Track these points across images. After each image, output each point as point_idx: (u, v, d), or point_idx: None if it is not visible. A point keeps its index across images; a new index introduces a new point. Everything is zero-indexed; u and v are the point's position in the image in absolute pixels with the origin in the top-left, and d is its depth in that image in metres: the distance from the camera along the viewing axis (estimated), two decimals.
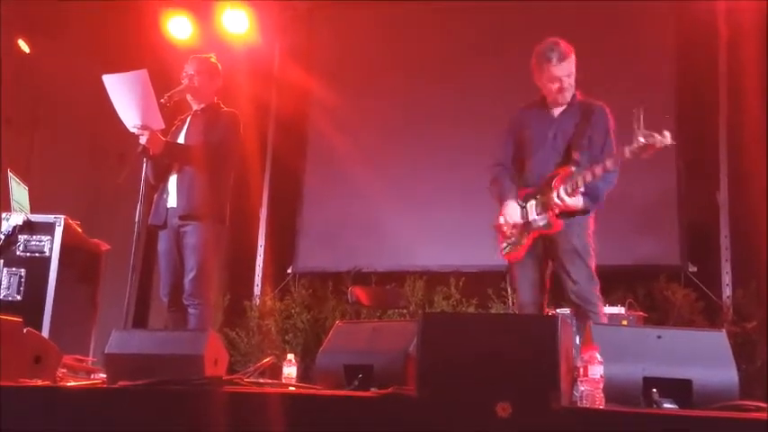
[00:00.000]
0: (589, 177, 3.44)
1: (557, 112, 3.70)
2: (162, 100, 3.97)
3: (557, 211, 3.52)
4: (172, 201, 4.13)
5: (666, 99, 5.66)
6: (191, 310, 4.05)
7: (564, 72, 3.58)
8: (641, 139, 3.27)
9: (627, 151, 3.33)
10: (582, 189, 3.49)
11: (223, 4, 6.52)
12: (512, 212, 3.66)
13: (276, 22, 6.83)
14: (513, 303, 5.52)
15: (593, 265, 3.54)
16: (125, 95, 3.89)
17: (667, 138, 3.26)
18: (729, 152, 5.53)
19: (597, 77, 3.78)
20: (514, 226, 3.65)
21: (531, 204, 3.63)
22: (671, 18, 5.91)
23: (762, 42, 5.10)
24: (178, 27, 6.56)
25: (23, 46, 6.43)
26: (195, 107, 4.34)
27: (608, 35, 5.77)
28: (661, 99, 5.64)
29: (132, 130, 3.94)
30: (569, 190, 3.48)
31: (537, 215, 3.60)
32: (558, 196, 3.49)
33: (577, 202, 3.51)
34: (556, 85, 3.60)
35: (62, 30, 6.33)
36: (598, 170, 3.42)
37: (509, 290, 3.83)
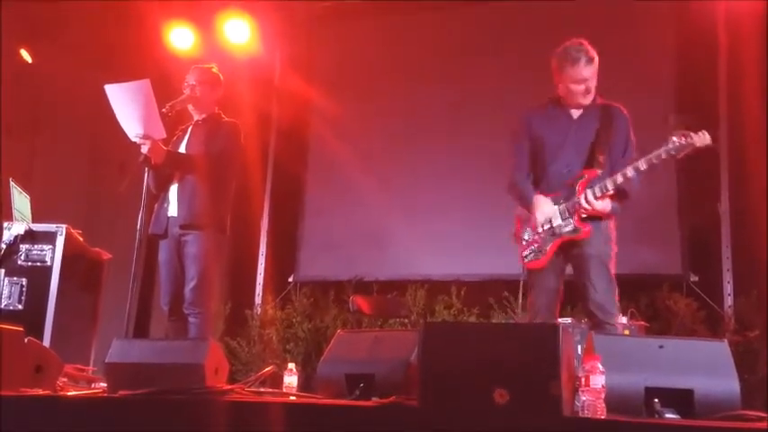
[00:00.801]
0: (620, 179, 3.37)
1: (575, 114, 3.59)
2: (164, 110, 3.98)
3: (584, 215, 3.43)
4: (172, 210, 4.13)
5: (666, 104, 5.66)
6: (191, 319, 4.05)
7: (590, 74, 3.48)
8: (675, 140, 3.25)
9: (663, 152, 3.29)
10: (611, 191, 3.41)
11: (225, 15, 6.54)
12: (546, 208, 3.51)
13: (277, 32, 6.85)
14: (522, 310, 5.50)
15: (613, 271, 3.46)
16: (127, 105, 3.90)
17: (706, 137, 3.25)
18: (730, 161, 5.53)
19: (597, 81, 3.73)
20: (548, 221, 3.51)
21: (556, 210, 3.50)
22: (670, 22, 5.91)
23: (762, 47, 5.10)
24: (180, 37, 6.59)
25: (26, 56, 6.46)
26: (196, 117, 4.35)
27: (607, 38, 5.75)
28: (661, 104, 5.64)
29: (134, 139, 3.95)
30: (598, 193, 3.39)
31: (562, 221, 3.48)
32: (587, 200, 3.39)
33: (605, 205, 3.43)
34: (581, 87, 3.49)
35: (63, 38, 6.35)
36: (630, 172, 3.35)
37: (520, 296, 3.72)
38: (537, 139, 3.62)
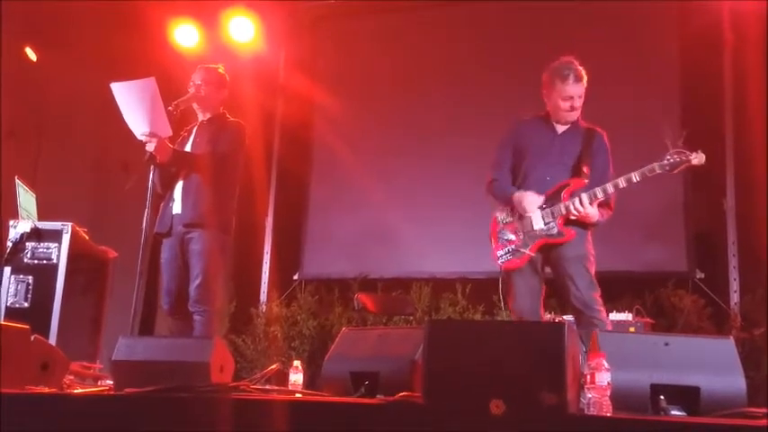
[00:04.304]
0: (611, 189, 3.52)
1: (560, 129, 3.75)
2: (169, 108, 3.99)
3: (572, 218, 3.56)
4: (177, 208, 4.14)
5: (671, 104, 5.65)
6: (196, 317, 4.06)
7: (577, 92, 3.63)
8: (669, 157, 3.41)
9: (656, 167, 3.44)
10: (601, 199, 3.56)
11: (229, 13, 6.54)
12: (532, 199, 3.63)
13: (281, 31, 6.85)
14: (505, 311, 5.51)
15: (593, 271, 3.60)
16: (133, 103, 3.90)
17: (702, 157, 3.40)
18: (736, 158, 5.52)
19: (600, 83, 3.79)
20: (515, 233, 3.67)
21: (538, 213, 3.63)
22: (674, 22, 5.90)
23: (766, 47, 5.09)
24: (184, 35, 6.60)
25: (30, 54, 6.47)
26: (201, 117, 4.36)
27: (611, 41, 5.77)
28: (665, 104, 5.63)
29: (140, 137, 3.95)
30: (586, 200, 3.53)
31: (544, 224, 3.61)
32: (581, 203, 3.52)
33: (594, 212, 3.57)
34: (568, 104, 3.65)
35: (67, 37, 6.36)
36: (622, 182, 3.50)
37: (501, 299, 3.83)
38: (521, 148, 3.78)
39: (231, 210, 4.26)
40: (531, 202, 3.63)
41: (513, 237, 3.68)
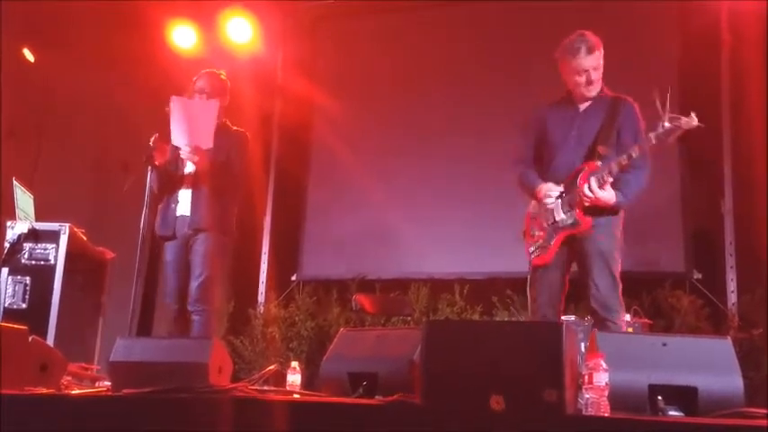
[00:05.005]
0: (615, 168, 3.34)
1: (582, 107, 3.59)
2: (166, 109, 4.00)
3: (587, 204, 3.40)
4: (182, 210, 4.17)
5: (669, 104, 5.65)
6: (195, 317, 4.07)
7: (591, 64, 3.49)
8: (666, 124, 3.23)
9: (653, 137, 3.27)
10: (611, 180, 3.38)
11: (227, 14, 6.54)
12: (551, 189, 3.51)
13: (279, 31, 6.85)
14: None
15: (617, 270, 3.43)
16: (188, 118, 4.03)
17: (694, 119, 3.21)
18: (733, 158, 5.52)
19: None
20: (541, 227, 3.53)
21: (557, 203, 3.50)
22: (673, 23, 5.90)
23: (765, 47, 5.09)
24: (182, 36, 6.59)
25: (28, 55, 6.47)
26: None
27: (610, 41, 5.76)
28: (663, 104, 5.63)
29: (183, 149, 4.07)
30: (595, 184, 3.37)
31: (564, 213, 3.47)
32: (590, 188, 3.36)
33: (609, 195, 3.39)
34: (582, 78, 3.50)
35: (65, 38, 6.36)
36: (624, 160, 3.33)
37: (528, 293, 3.69)
38: (543, 135, 3.64)
39: (233, 214, 4.32)
40: (549, 193, 3.51)
41: (540, 232, 3.56)
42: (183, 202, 4.17)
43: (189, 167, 4.20)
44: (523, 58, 5.92)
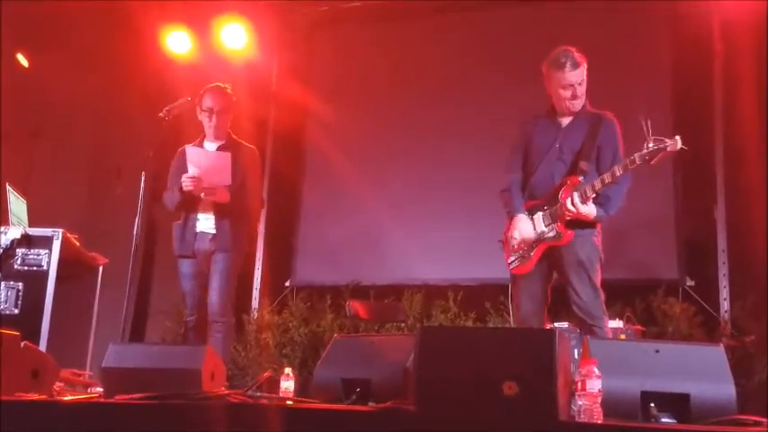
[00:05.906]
0: (598, 185, 3.42)
1: (564, 121, 3.67)
2: (160, 114, 4.01)
3: (568, 218, 3.48)
4: (203, 227, 4.26)
5: (662, 113, 5.67)
6: (217, 335, 4.17)
7: (576, 79, 3.56)
8: (650, 145, 3.27)
9: (637, 157, 3.32)
10: (593, 195, 3.46)
11: (222, 19, 6.54)
12: (523, 227, 3.61)
13: (274, 37, 6.85)
14: (512, 316, 5.51)
15: (597, 279, 3.51)
16: (202, 164, 4.17)
17: (678, 142, 3.26)
18: (726, 166, 5.54)
19: (591, 92, 3.78)
20: (524, 241, 3.61)
21: (539, 216, 3.60)
22: (665, 32, 5.93)
23: (757, 56, 5.13)
24: (177, 42, 6.58)
25: (22, 60, 6.46)
26: (211, 141, 4.36)
27: (602, 47, 5.79)
28: (656, 114, 5.64)
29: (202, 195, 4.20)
30: (578, 199, 3.44)
31: (545, 226, 3.57)
32: (572, 203, 3.44)
33: (590, 210, 3.48)
34: (568, 92, 3.58)
35: (60, 43, 6.35)
36: (607, 177, 3.40)
37: (510, 303, 3.77)
38: (528, 147, 3.73)
39: (250, 233, 4.57)
40: (520, 232, 3.61)
41: (523, 243, 3.63)
42: (204, 219, 4.26)
43: None
44: (521, 65, 5.92)
